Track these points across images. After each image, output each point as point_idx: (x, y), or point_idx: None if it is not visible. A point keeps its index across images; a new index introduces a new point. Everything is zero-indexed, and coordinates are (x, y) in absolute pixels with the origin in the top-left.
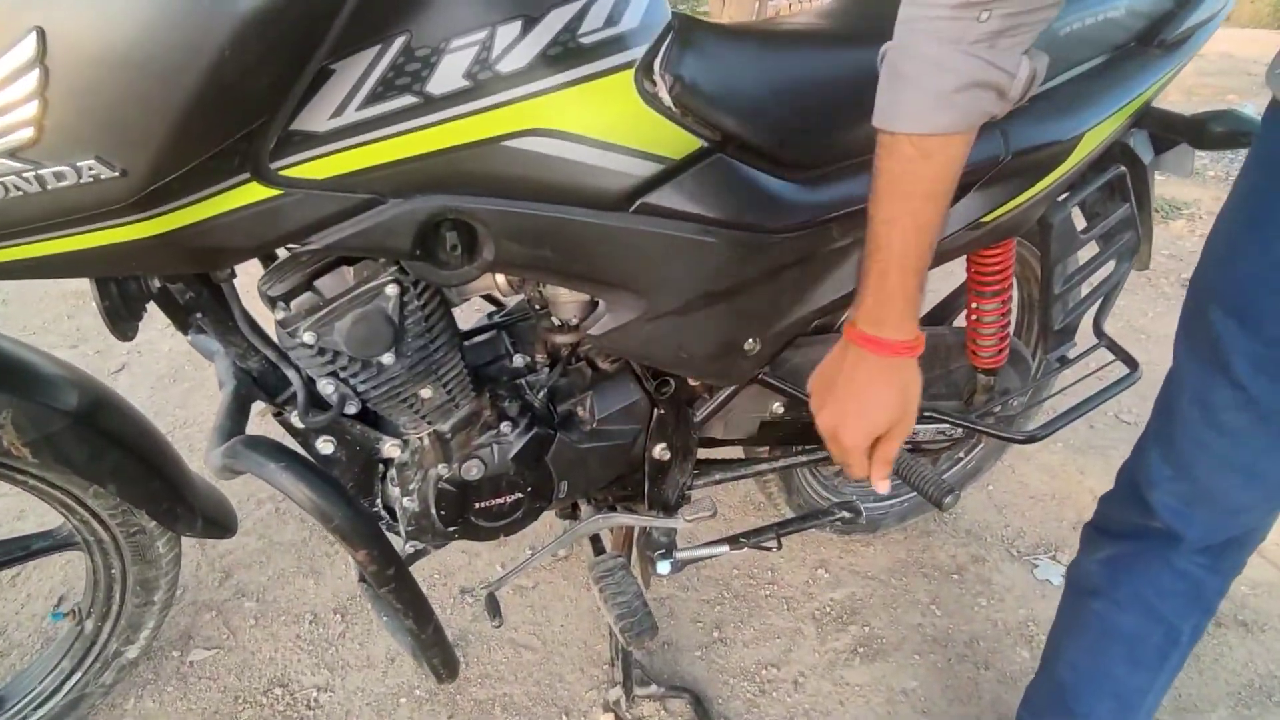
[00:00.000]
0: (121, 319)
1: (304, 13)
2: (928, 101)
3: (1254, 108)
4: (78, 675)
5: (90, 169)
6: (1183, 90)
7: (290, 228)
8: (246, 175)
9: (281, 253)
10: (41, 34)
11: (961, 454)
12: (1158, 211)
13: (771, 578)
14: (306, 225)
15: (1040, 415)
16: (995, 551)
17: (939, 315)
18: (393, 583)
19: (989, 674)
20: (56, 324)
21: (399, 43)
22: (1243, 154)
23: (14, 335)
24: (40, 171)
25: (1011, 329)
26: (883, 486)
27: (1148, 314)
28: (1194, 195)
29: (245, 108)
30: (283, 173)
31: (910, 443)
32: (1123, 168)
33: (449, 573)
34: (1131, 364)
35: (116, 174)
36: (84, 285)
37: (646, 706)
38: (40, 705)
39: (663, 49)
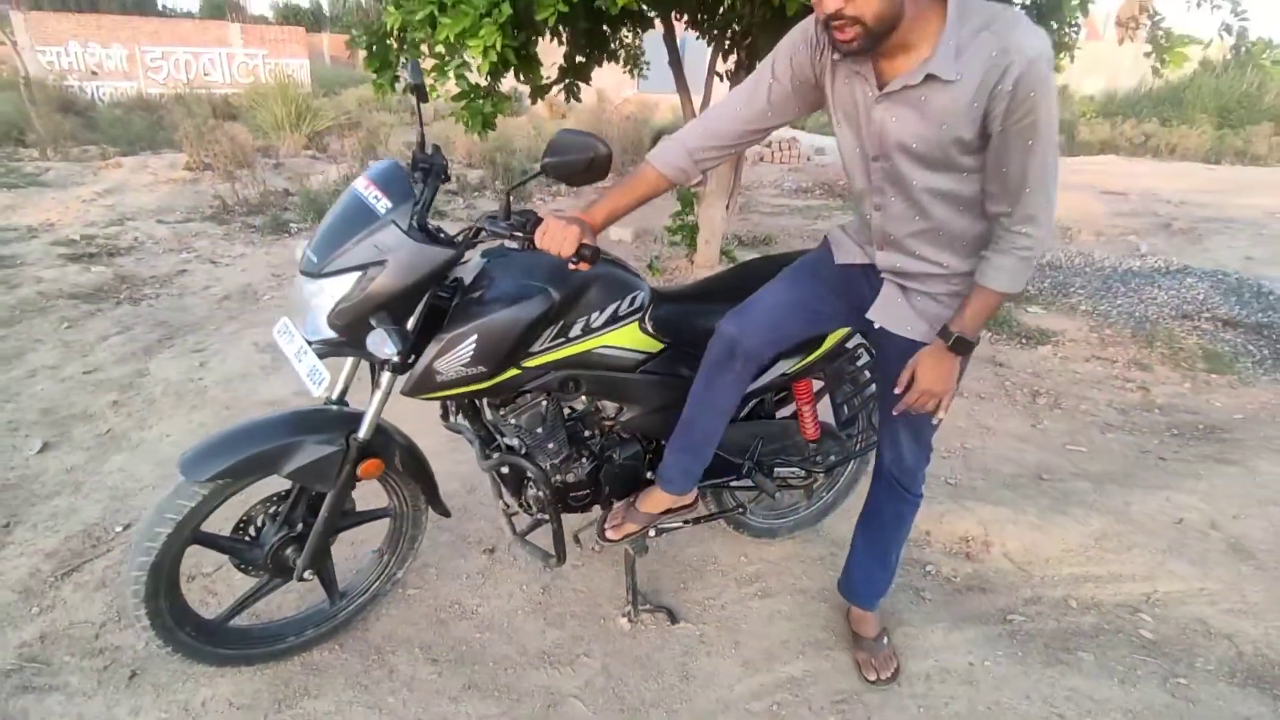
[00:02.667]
0: (449, 413)
1: (543, 323)
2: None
3: (1147, 246)
4: (376, 583)
5: (478, 368)
6: (1093, 231)
7: (520, 385)
8: (513, 366)
9: None
10: (477, 336)
11: (824, 493)
12: (1030, 338)
13: (715, 560)
14: (523, 382)
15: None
16: (846, 549)
17: (791, 415)
18: (550, 509)
19: (826, 605)
20: None
21: (561, 324)
22: (1109, 292)
23: None
24: (463, 370)
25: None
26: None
27: (995, 416)
28: (1062, 325)
29: (521, 350)
30: (522, 364)
31: (780, 479)
32: (860, 345)
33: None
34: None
35: (485, 370)
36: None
37: (645, 616)
38: (360, 596)
39: (648, 310)
